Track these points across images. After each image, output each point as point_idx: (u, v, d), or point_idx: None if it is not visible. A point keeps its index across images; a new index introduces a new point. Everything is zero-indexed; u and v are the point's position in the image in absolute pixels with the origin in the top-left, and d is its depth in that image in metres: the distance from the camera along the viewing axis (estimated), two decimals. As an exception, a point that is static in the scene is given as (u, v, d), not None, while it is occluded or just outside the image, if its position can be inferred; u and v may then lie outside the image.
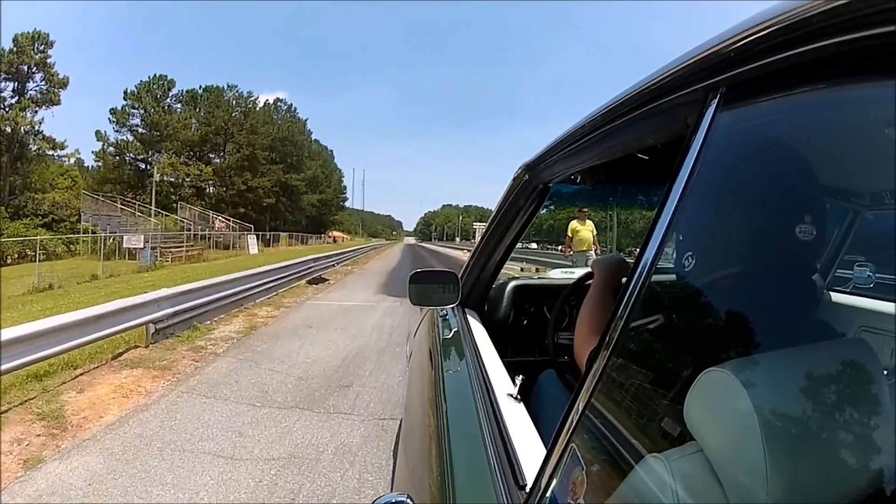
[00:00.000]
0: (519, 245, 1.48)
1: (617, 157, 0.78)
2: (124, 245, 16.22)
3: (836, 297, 0.98)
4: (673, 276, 0.53)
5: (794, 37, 0.36)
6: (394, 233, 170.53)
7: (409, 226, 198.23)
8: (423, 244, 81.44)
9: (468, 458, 0.80)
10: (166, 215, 26.19)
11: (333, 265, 15.05)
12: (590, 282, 1.49)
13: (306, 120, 48.57)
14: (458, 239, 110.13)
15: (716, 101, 0.45)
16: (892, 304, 0.91)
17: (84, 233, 20.47)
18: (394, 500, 0.76)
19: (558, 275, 2.63)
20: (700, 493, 0.38)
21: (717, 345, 0.46)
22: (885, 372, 0.40)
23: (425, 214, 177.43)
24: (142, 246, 15.95)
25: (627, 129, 0.67)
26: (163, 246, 18.00)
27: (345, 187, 65.11)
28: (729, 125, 0.46)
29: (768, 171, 0.49)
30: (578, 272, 1.82)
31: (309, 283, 10.85)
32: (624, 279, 1.08)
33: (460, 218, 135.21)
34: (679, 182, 0.46)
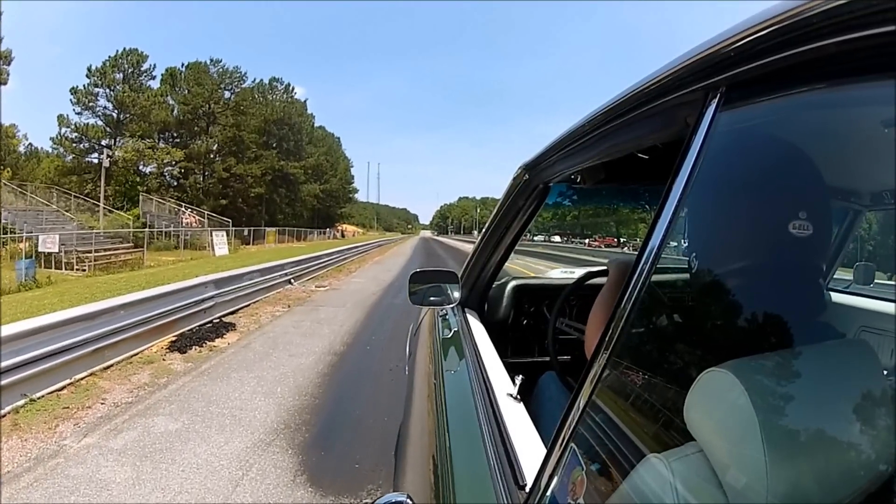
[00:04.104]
0: (540, 238, 1.49)
1: (617, 156, 0.78)
2: (39, 248, 13.12)
3: (836, 297, 0.98)
4: (673, 277, 0.53)
5: (794, 37, 0.36)
6: (409, 226, 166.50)
7: (426, 219, 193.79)
8: (440, 238, 79.20)
9: (468, 458, 0.80)
10: (110, 211, 21.68)
11: (289, 282, 9.11)
12: (589, 282, 1.49)
13: (306, 100, 43.05)
14: (475, 232, 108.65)
15: (716, 101, 0.45)
16: (892, 304, 0.91)
17: (4, 233, 15.47)
18: (394, 500, 0.75)
19: (558, 275, 2.63)
20: (700, 494, 0.38)
21: (717, 345, 0.46)
22: (885, 372, 0.40)
23: (441, 207, 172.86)
24: (56, 249, 13.12)
25: (627, 129, 0.67)
26: (79, 250, 14.63)
27: (353, 177, 58.62)
28: (729, 125, 0.46)
29: (768, 171, 0.49)
30: (578, 272, 1.82)
31: (173, 346, 4.44)
32: None
33: (478, 210, 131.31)
34: (679, 182, 0.46)
